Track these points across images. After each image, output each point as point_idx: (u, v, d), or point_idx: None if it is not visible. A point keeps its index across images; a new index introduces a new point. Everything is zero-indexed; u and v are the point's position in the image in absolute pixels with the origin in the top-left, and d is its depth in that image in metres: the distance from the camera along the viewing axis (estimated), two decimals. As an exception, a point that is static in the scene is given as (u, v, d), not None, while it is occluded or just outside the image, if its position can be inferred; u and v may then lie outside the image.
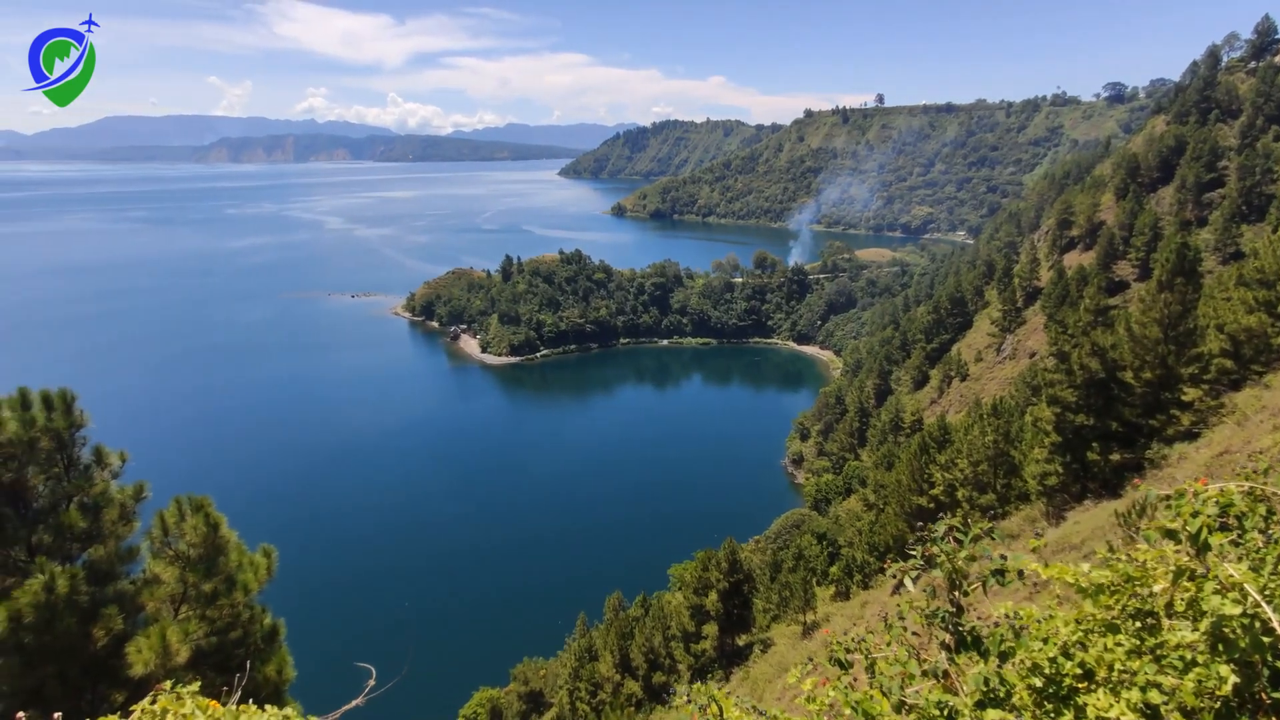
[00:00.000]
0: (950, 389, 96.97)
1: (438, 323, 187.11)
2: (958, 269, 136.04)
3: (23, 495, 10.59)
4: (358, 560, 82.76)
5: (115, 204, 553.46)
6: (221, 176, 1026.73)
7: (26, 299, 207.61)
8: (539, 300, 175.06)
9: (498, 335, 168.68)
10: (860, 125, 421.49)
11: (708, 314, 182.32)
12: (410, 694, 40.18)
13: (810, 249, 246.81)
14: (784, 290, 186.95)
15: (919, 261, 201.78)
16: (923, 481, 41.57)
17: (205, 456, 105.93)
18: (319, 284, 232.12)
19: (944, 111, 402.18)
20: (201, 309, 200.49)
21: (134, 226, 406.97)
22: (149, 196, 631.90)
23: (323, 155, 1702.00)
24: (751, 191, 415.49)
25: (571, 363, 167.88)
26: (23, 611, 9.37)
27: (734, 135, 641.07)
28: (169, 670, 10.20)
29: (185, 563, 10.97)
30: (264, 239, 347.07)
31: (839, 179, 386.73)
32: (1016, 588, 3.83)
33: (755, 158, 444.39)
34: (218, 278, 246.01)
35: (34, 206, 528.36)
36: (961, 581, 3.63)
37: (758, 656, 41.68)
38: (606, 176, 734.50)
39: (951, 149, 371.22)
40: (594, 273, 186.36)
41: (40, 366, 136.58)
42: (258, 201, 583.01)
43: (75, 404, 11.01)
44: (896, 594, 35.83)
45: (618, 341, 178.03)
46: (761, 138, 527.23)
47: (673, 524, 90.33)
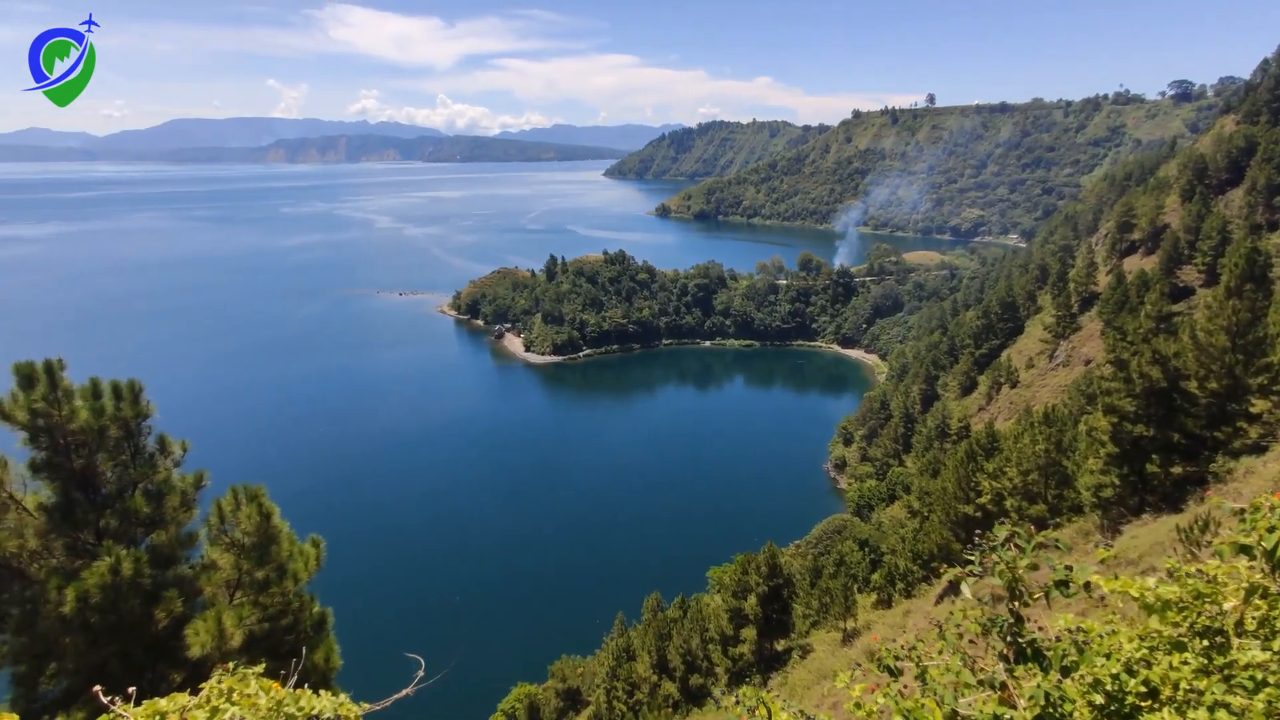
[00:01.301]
0: (999, 396, 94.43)
1: (483, 321, 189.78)
2: (1009, 273, 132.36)
3: (92, 481, 11.05)
4: (400, 553, 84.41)
5: (179, 203, 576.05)
6: (277, 176, 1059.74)
7: (98, 294, 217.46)
8: (582, 300, 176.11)
9: (541, 334, 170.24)
10: (910, 126, 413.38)
11: (751, 316, 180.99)
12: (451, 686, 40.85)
13: (856, 251, 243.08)
14: (829, 293, 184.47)
15: (968, 265, 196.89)
16: (969, 490, 40.55)
17: (258, 447, 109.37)
18: (368, 282, 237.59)
19: (998, 111, 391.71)
20: (257, 305, 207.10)
21: (196, 225, 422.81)
22: (210, 196, 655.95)
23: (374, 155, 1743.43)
24: (797, 193, 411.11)
25: (614, 363, 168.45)
26: (90, 592, 9.77)
27: (780, 136, 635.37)
28: (224, 653, 10.55)
29: (240, 550, 11.31)
30: (316, 237, 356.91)
31: (887, 180, 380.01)
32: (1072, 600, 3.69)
33: (801, 159, 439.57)
34: (272, 274, 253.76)
35: (105, 205, 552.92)
36: (1022, 591, 3.51)
37: (796, 662, 41.20)
38: (651, 177, 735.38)
39: (1005, 150, 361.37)
40: (637, 273, 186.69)
41: (108, 358, 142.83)
42: (311, 201, 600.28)
43: (142, 394, 11.45)
44: (941, 603, 35.03)
45: (660, 342, 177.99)
46: (808, 139, 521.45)
47: (712, 526, 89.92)
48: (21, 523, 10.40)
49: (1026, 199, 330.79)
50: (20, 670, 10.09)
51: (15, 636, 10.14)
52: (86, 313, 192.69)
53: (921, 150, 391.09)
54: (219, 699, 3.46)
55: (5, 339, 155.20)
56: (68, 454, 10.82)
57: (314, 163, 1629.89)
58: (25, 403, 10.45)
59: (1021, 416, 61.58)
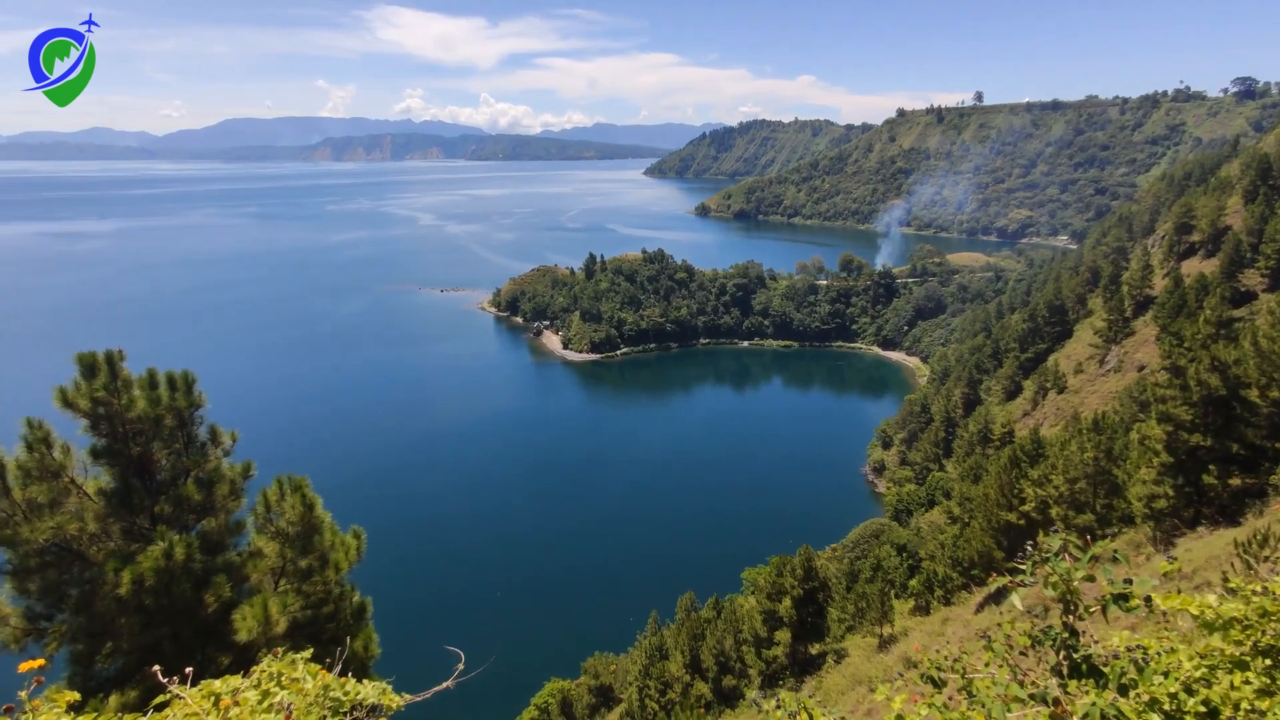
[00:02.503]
0: (1045, 401, 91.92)
1: (522, 318, 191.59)
2: (1058, 275, 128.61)
3: (148, 468, 11.43)
4: (436, 546, 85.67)
5: (231, 200, 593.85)
6: (325, 174, 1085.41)
7: (154, 288, 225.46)
8: (620, 298, 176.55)
9: (579, 332, 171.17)
10: (956, 124, 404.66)
11: (790, 316, 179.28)
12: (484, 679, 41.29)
13: (899, 252, 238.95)
14: (870, 294, 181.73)
15: (1015, 267, 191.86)
16: (1012, 497, 39.55)
17: (301, 438, 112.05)
18: (411, 278, 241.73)
19: (1049, 109, 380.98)
20: (303, 300, 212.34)
21: (247, 221, 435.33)
22: (260, 193, 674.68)
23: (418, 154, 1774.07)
24: (839, 192, 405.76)
25: (651, 361, 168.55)
26: (145, 575, 10.12)
27: (822, 135, 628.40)
28: (269, 639, 10.84)
29: (285, 539, 11.59)
30: (361, 234, 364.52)
31: (931, 180, 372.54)
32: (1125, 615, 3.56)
33: (844, 158, 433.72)
34: (318, 270, 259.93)
35: (162, 202, 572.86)
36: (1077, 604, 3.38)
37: (830, 667, 40.71)
38: (691, 176, 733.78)
39: (1056, 149, 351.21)
40: (676, 272, 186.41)
41: (161, 349, 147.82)
42: (356, 198, 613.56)
43: (195, 385, 11.82)
44: (981, 612, 34.27)
45: (698, 341, 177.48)
46: (851, 138, 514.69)
47: (747, 527, 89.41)
48: (82, 507, 10.82)
49: (1078, 199, 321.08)
50: (78, 649, 10.50)
51: (74, 616, 10.57)
52: (142, 305, 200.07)
53: (968, 149, 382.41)
54: (269, 682, 3.55)
55: (72, 329, 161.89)
56: (126, 441, 11.21)
57: (360, 161, 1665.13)
58: (87, 391, 10.85)
59: (1069, 423, 59.88)
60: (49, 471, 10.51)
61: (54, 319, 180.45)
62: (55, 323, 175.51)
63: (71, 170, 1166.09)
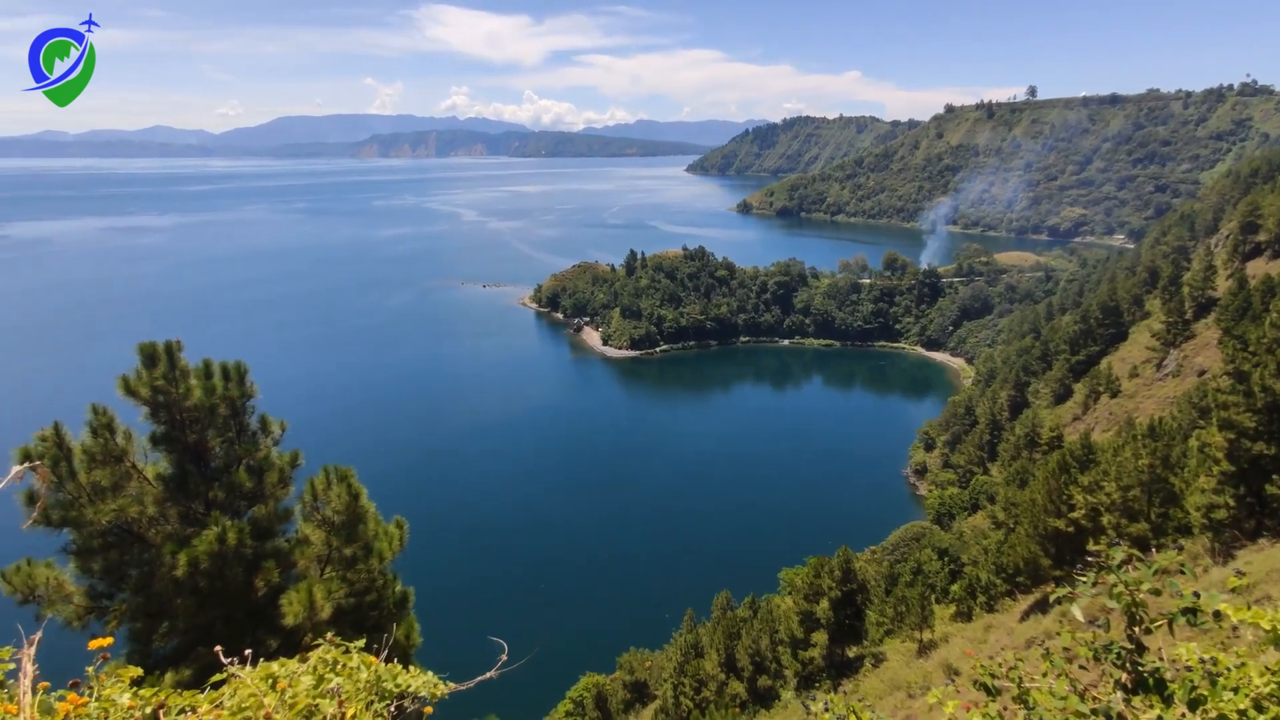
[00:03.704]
0: (1097, 405, 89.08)
1: (562, 314, 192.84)
2: (1113, 275, 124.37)
3: (203, 455, 11.83)
4: (474, 538, 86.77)
5: (282, 196, 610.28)
6: (372, 171, 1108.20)
7: (207, 281, 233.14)
8: (660, 295, 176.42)
9: (619, 329, 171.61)
10: (1007, 120, 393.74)
11: (832, 315, 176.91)
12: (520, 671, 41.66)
13: (944, 251, 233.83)
14: (914, 293, 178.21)
15: (1067, 266, 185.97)
16: (1061, 503, 38.38)
17: (345, 429, 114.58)
18: (453, 273, 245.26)
19: (1107, 103, 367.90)
20: (349, 294, 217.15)
21: (296, 217, 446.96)
22: (309, 189, 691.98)
23: (462, 150, 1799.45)
24: (884, 190, 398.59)
25: (690, 359, 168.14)
26: (200, 558, 10.48)
27: (867, 132, 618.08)
28: (314, 624, 11.12)
29: (330, 527, 11.87)
30: (406, 230, 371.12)
31: (980, 178, 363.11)
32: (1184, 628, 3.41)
33: (889, 155, 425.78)
34: (364, 265, 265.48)
35: (217, 198, 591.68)
36: (1143, 617, 3.24)
37: (868, 670, 40.18)
38: (734, 173, 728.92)
39: (1114, 144, 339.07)
40: (716, 269, 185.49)
41: (212, 340, 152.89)
42: (402, 194, 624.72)
43: (247, 376, 12.18)
44: (1027, 620, 33.41)
45: (738, 340, 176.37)
46: (897, 134, 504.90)
47: (785, 527, 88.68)
48: (142, 491, 11.25)
49: (1136, 197, 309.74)
50: (137, 627, 10.93)
51: (134, 595, 11.00)
52: (196, 298, 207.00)
53: (1019, 145, 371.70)
54: (324, 668, 3.64)
55: (132, 320, 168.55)
56: (183, 429, 11.62)
57: (405, 157, 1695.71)
58: (148, 380, 11.26)
59: (1123, 428, 58.00)
60: (112, 456, 10.94)
61: (116, 309, 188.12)
62: (117, 313, 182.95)
63: (134, 167, 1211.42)
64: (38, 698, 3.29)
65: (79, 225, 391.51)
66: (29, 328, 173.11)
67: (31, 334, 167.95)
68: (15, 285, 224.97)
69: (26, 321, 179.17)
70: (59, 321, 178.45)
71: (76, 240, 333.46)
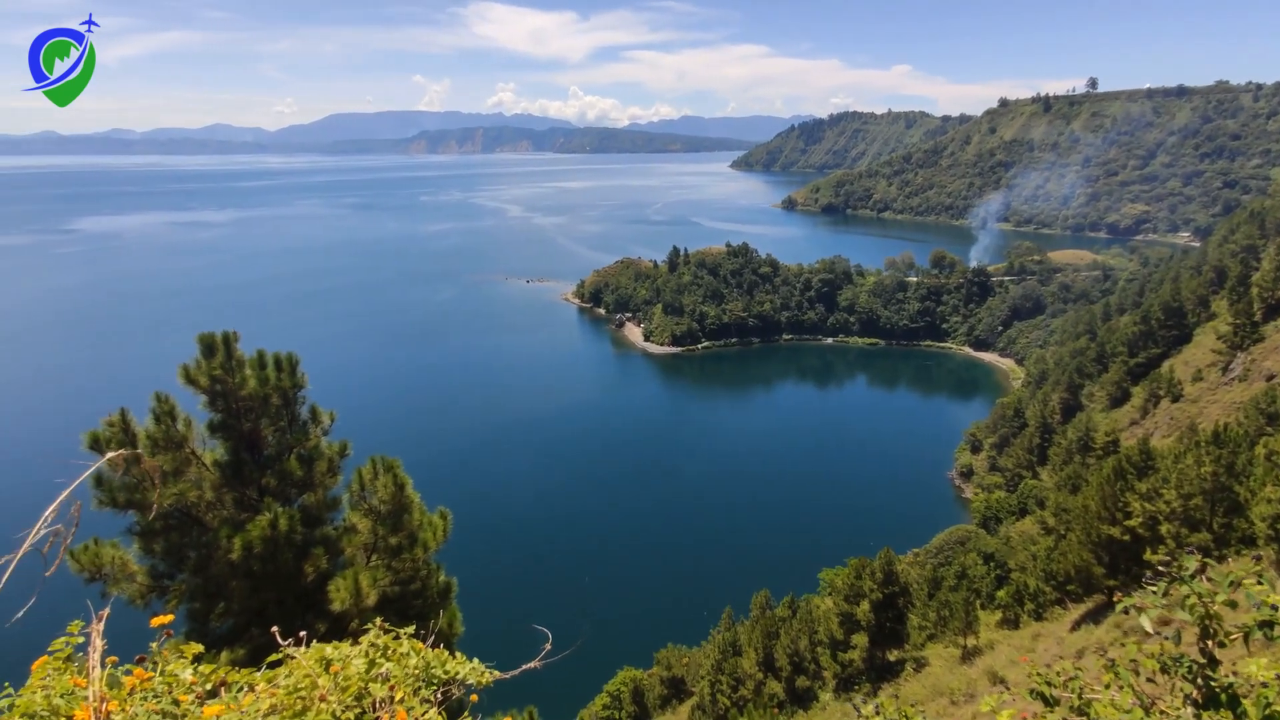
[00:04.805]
0: (1157, 410, 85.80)
1: (604, 310, 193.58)
2: (1177, 274, 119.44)
3: (257, 443, 12.23)
4: (513, 531, 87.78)
5: (333, 191, 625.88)
6: (419, 166, 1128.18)
7: (261, 274, 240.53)
8: (703, 292, 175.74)
9: (660, 325, 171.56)
10: (1065, 114, 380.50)
11: (877, 313, 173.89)
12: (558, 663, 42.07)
13: (995, 249, 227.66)
14: (962, 292, 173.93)
15: (1126, 265, 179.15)
16: (1116, 510, 37.10)
17: (390, 420, 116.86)
18: (498, 268, 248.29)
19: (1173, 95, 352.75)
20: (395, 288, 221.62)
21: (346, 211, 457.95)
22: (359, 185, 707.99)
23: (508, 146, 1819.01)
24: (932, 186, 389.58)
25: (732, 356, 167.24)
26: (254, 542, 10.85)
27: (916, 127, 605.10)
28: (360, 611, 11.42)
29: (377, 516, 12.14)
30: (452, 225, 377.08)
31: (1034, 173, 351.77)
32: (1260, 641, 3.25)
33: (939, 151, 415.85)
34: (411, 259, 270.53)
35: (272, 194, 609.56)
36: (1216, 630, 3.10)
37: (909, 675, 39.48)
38: (779, 169, 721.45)
39: (1180, 138, 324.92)
40: (760, 266, 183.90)
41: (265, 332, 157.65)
42: (448, 190, 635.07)
43: (298, 367, 12.54)
44: (1078, 630, 32.44)
45: (780, 337, 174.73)
46: (947, 129, 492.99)
47: (826, 527, 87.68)
48: (201, 476, 11.70)
49: (1203, 193, 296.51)
50: (195, 607, 11.37)
51: (192, 576, 11.45)
52: (249, 290, 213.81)
53: (1077, 140, 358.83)
54: (375, 653, 3.75)
55: (191, 311, 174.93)
56: (239, 417, 12.03)
57: (452, 153, 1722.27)
58: (206, 369, 11.69)
59: (1184, 434, 55.87)
60: (173, 442, 11.39)
61: (178, 300, 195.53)
62: (178, 304, 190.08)
63: (195, 164, 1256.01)
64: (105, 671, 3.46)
65: (144, 220, 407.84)
66: (101, 317, 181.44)
67: (102, 323, 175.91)
68: (87, 277, 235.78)
69: (99, 312, 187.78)
70: (127, 311, 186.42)
71: (142, 235, 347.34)
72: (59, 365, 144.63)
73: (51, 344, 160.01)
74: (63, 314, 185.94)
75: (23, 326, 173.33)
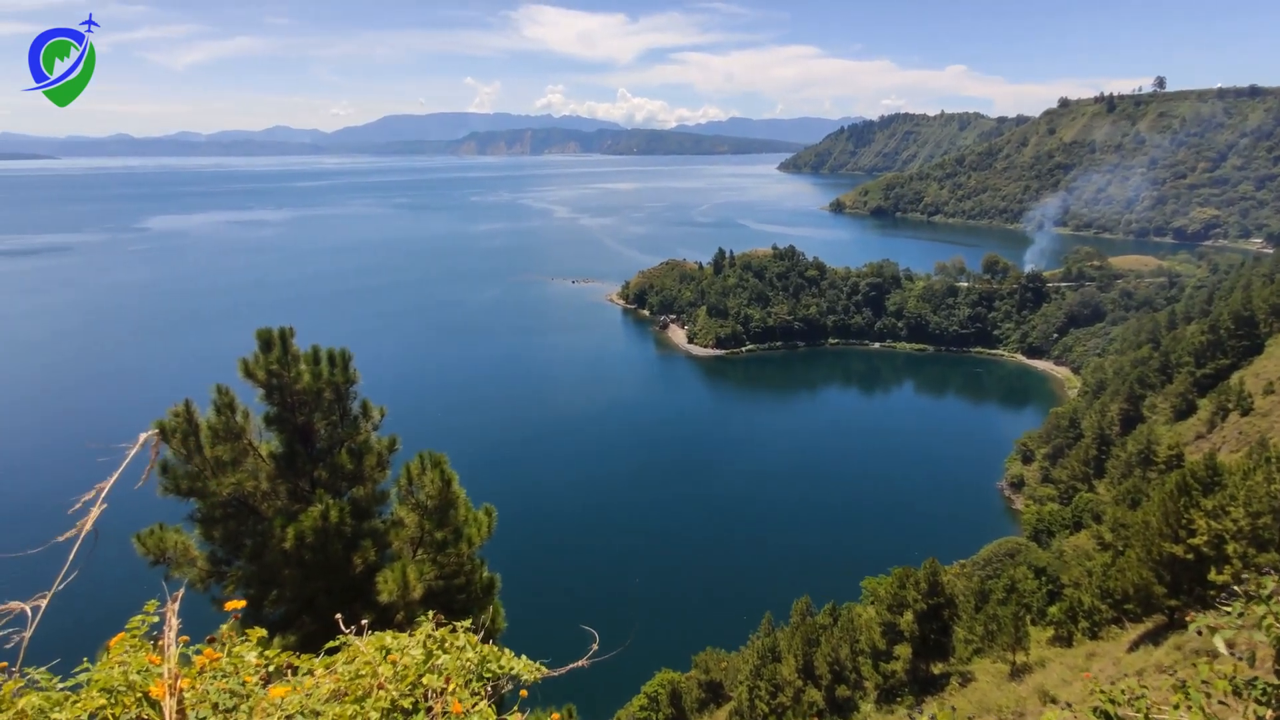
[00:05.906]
0: (1225, 424, 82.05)
1: (649, 311, 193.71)
2: (1249, 282, 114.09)
3: (310, 436, 12.60)
4: (554, 531, 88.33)
5: (385, 191, 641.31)
6: (469, 167, 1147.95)
7: (314, 272, 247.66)
8: (748, 294, 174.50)
9: (705, 327, 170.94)
10: (1130, 114, 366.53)
11: (926, 319, 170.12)
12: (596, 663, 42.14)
13: (1051, 254, 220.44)
14: (1015, 298, 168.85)
15: (1194, 272, 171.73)
16: (1179, 527, 35.58)
17: (436, 416, 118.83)
18: (544, 269, 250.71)
19: (1246, 96, 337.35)
20: (444, 286, 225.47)
21: (397, 211, 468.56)
22: (411, 185, 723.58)
23: (556, 148, 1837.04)
24: (986, 189, 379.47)
25: (776, 359, 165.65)
26: (306, 533, 11.19)
27: (970, 129, 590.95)
28: (406, 603, 11.67)
29: (423, 511, 12.37)
30: (500, 225, 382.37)
31: (1095, 175, 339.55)
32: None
33: (993, 153, 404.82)
34: (459, 258, 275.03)
35: (327, 194, 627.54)
36: (1296, 652, 2.96)
37: (954, 689, 38.53)
38: (827, 171, 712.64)
39: (1253, 140, 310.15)
40: (806, 269, 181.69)
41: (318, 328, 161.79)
42: (497, 190, 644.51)
43: (350, 362, 12.88)
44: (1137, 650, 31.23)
45: (826, 341, 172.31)
46: (1003, 131, 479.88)
47: (869, 535, 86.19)
48: (257, 467, 12.11)
49: (1277, 197, 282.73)
50: (250, 593, 11.78)
51: (248, 563, 11.86)
52: (304, 287, 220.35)
53: (1143, 141, 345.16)
54: (433, 645, 3.85)
55: (250, 306, 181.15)
56: (293, 411, 12.41)
57: (501, 155, 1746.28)
58: (264, 364, 12.11)
59: (1254, 449, 53.35)
60: (232, 433, 11.83)
61: (238, 296, 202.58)
62: (239, 299, 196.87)
63: (256, 165, 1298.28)
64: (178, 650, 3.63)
65: (207, 219, 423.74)
66: (167, 312, 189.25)
67: (169, 317, 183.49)
68: (156, 274, 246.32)
69: (165, 306, 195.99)
70: (191, 306, 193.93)
71: (205, 233, 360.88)
72: (135, 356, 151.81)
73: (123, 336, 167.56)
74: (131, 309, 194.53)
75: (96, 319, 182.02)
